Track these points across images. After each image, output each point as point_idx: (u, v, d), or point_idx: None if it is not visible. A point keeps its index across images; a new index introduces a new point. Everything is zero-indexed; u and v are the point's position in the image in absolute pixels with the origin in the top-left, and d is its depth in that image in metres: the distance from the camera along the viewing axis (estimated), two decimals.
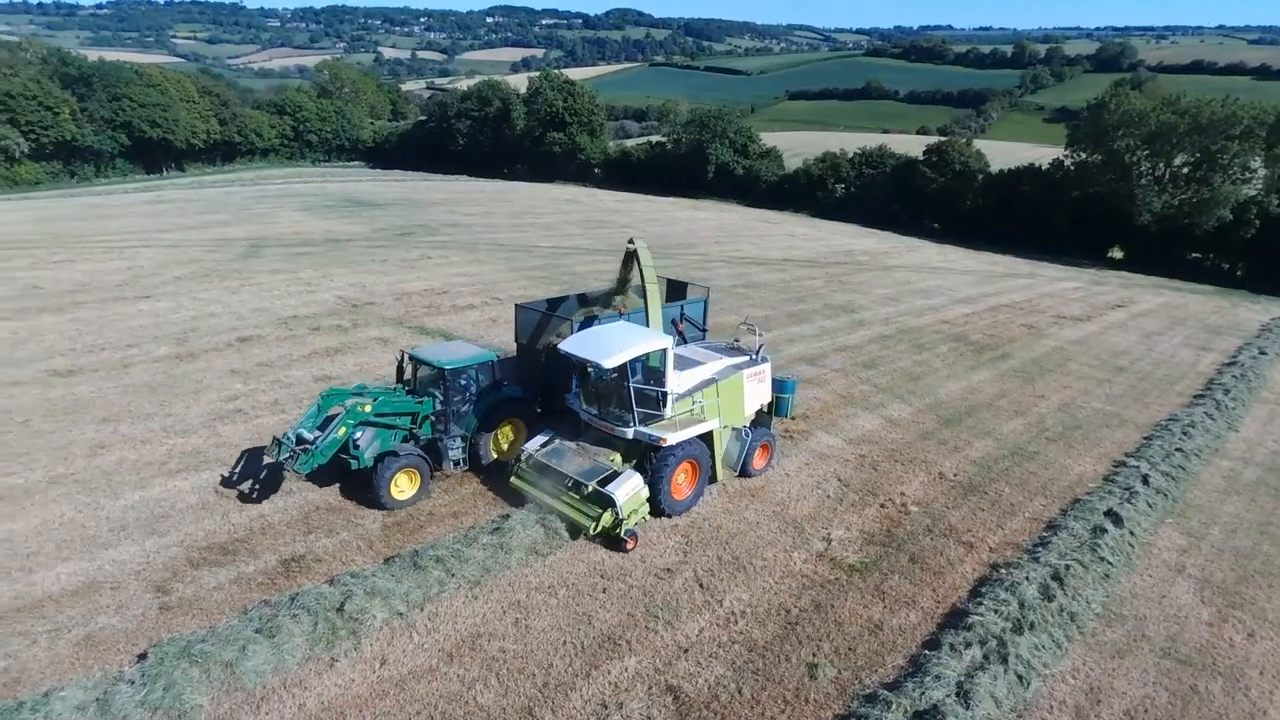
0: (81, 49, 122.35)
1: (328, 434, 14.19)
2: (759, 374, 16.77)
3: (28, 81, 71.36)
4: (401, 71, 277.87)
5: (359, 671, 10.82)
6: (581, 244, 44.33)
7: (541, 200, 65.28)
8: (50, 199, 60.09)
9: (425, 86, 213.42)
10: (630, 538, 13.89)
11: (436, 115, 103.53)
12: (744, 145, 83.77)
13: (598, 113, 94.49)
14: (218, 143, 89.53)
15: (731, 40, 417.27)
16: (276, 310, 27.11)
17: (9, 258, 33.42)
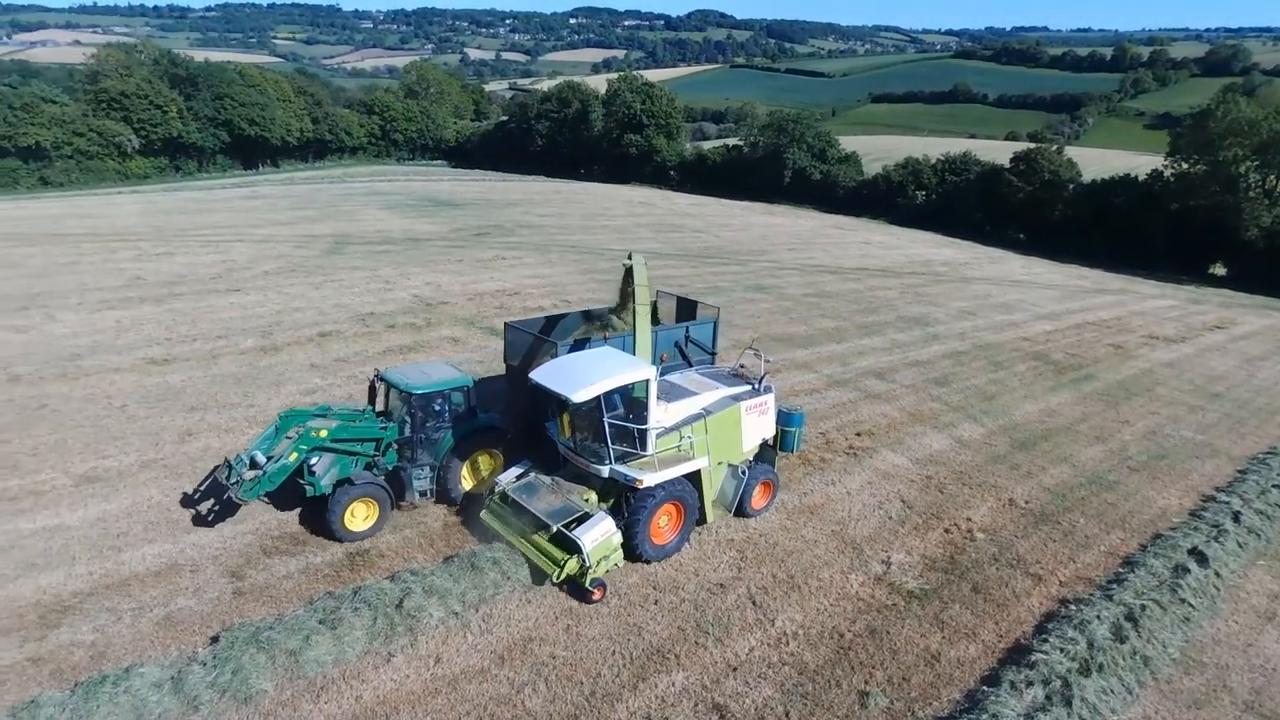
0: (191, 49, 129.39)
1: (279, 459, 13.50)
2: (760, 406, 15.39)
3: (140, 82, 75.95)
4: (486, 72, 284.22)
5: (414, 668, 11.15)
6: (652, 247, 44.45)
7: (615, 202, 65.77)
8: (156, 193, 63.83)
9: (508, 87, 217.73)
10: (597, 588, 12.68)
11: (517, 116, 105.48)
12: (822, 149, 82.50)
13: (675, 115, 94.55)
14: (310, 140, 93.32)
15: (814, 42, 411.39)
16: (355, 307, 28.13)
17: (117, 249, 35.67)
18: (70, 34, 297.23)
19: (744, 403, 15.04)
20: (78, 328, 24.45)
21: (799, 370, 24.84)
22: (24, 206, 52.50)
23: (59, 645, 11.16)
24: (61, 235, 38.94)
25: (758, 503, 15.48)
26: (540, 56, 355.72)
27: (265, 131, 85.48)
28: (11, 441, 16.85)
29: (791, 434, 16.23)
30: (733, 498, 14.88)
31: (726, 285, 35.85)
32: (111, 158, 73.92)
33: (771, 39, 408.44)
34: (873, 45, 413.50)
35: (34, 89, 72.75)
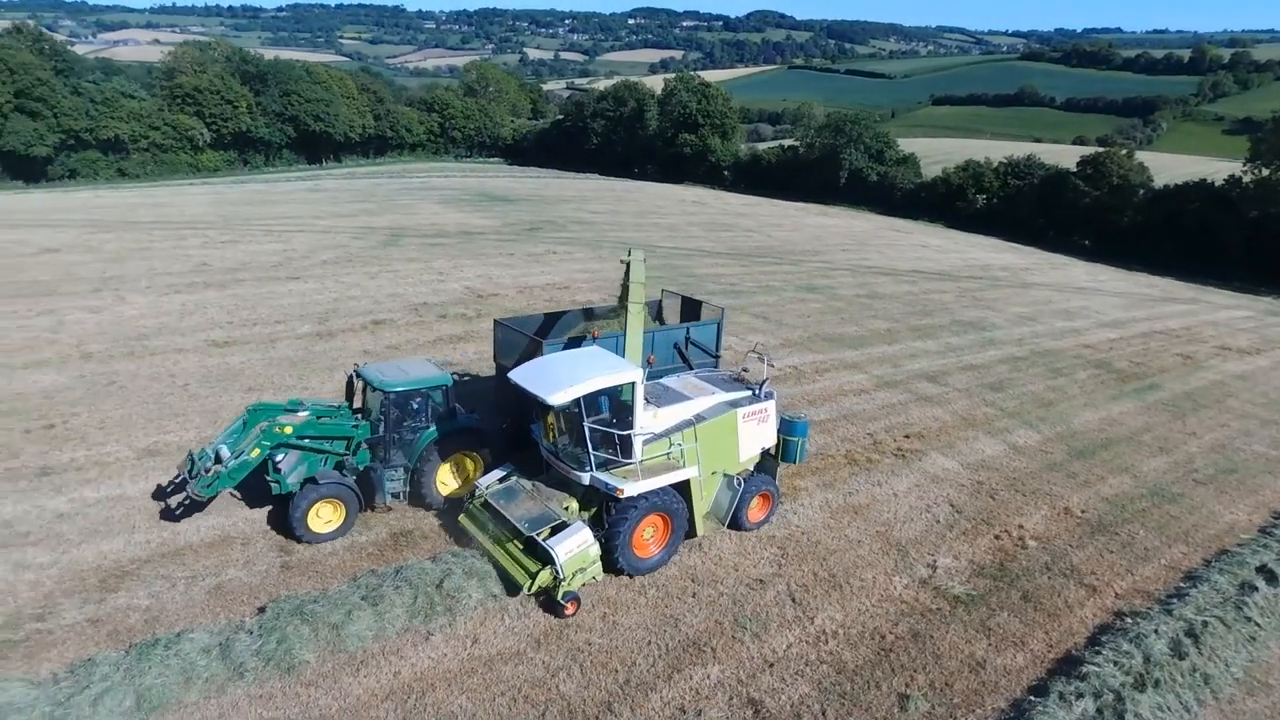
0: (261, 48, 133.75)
1: (240, 455, 13.05)
2: (759, 413, 14.34)
3: (213, 78, 78.77)
4: (544, 72, 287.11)
5: (451, 647, 11.27)
6: (703, 246, 44.30)
7: (667, 201, 65.72)
8: (225, 184, 66.09)
9: (565, 86, 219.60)
10: (570, 602, 11.94)
11: (573, 114, 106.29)
12: (880, 151, 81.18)
13: (730, 115, 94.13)
14: (372, 137, 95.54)
15: (876, 43, 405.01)
16: (409, 297, 28.65)
17: (186, 237, 37.01)
18: (150, 33, 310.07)
19: (741, 409, 14.09)
20: (146, 310, 25.42)
21: (848, 370, 24.43)
22: (102, 195, 54.87)
23: (116, 608, 11.59)
24: (135, 223, 40.57)
25: (754, 516, 14.55)
26: (598, 56, 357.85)
27: (329, 127, 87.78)
28: (81, 415, 17.60)
29: (794, 444, 15.01)
30: (727, 510, 14.03)
31: (778, 284, 35.50)
32: (184, 151, 76.81)
33: (831, 40, 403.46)
34: (936, 46, 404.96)
35: (115, 85, 76.09)
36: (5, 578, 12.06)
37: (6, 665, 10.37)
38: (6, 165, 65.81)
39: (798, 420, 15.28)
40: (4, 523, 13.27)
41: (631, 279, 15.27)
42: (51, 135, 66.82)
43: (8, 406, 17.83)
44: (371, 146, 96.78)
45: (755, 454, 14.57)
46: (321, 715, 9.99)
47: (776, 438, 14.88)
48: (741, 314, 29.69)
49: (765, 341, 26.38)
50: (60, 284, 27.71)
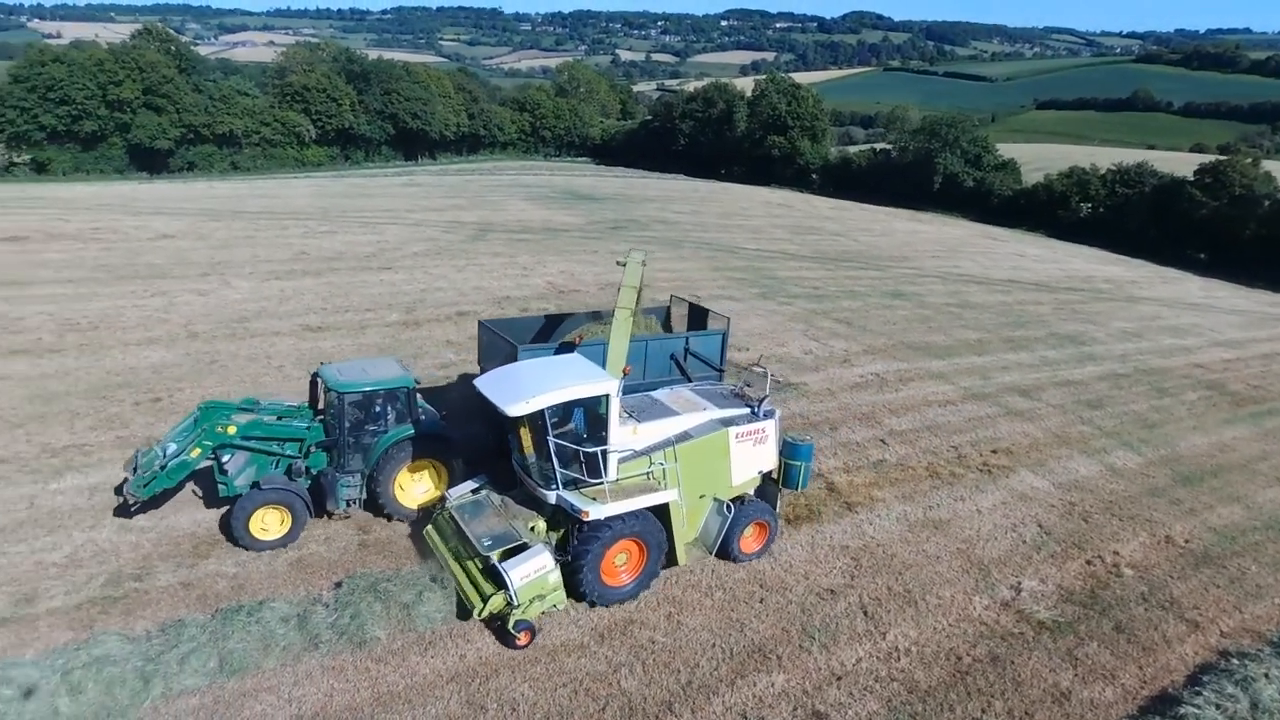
0: (366, 49, 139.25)
1: (179, 455, 12.56)
2: (756, 433, 13.10)
3: (320, 77, 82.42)
4: (635, 73, 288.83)
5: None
6: (787, 249, 43.63)
7: (753, 203, 65.06)
8: (327, 178, 69.12)
9: (655, 88, 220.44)
10: (523, 632, 11.01)
11: (661, 115, 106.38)
12: (977, 156, 78.11)
13: (821, 117, 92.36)
14: (465, 135, 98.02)
15: (977, 44, 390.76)
16: (493, 290, 29.24)
17: (288, 227, 38.85)
18: (266, 35, 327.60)
19: (734, 428, 12.90)
20: (248, 294, 26.78)
21: (934, 380, 23.57)
22: (216, 187, 58.24)
23: (206, 574, 12.20)
24: (242, 212, 42.85)
25: (748, 546, 13.29)
26: (689, 58, 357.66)
27: (426, 125, 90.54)
28: (185, 390, 18.65)
29: (797, 468, 13.68)
30: (715, 538, 12.94)
31: (863, 290, 34.62)
32: (291, 146, 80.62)
33: (930, 41, 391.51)
34: (1042, 48, 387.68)
35: (231, 83, 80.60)
36: (110, 539, 12.86)
37: (106, 620, 11.04)
38: (133, 157, 70.59)
39: (801, 443, 13.83)
40: (112, 486, 14.14)
41: (625, 282, 14.12)
42: (174, 129, 71.27)
43: (121, 380, 19.07)
44: (465, 144, 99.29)
45: (752, 478, 13.38)
46: (389, 691, 10.23)
47: (778, 461, 13.63)
48: (824, 318, 29.09)
49: (847, 348, 25.78)
50: (173, 268, 29.48)
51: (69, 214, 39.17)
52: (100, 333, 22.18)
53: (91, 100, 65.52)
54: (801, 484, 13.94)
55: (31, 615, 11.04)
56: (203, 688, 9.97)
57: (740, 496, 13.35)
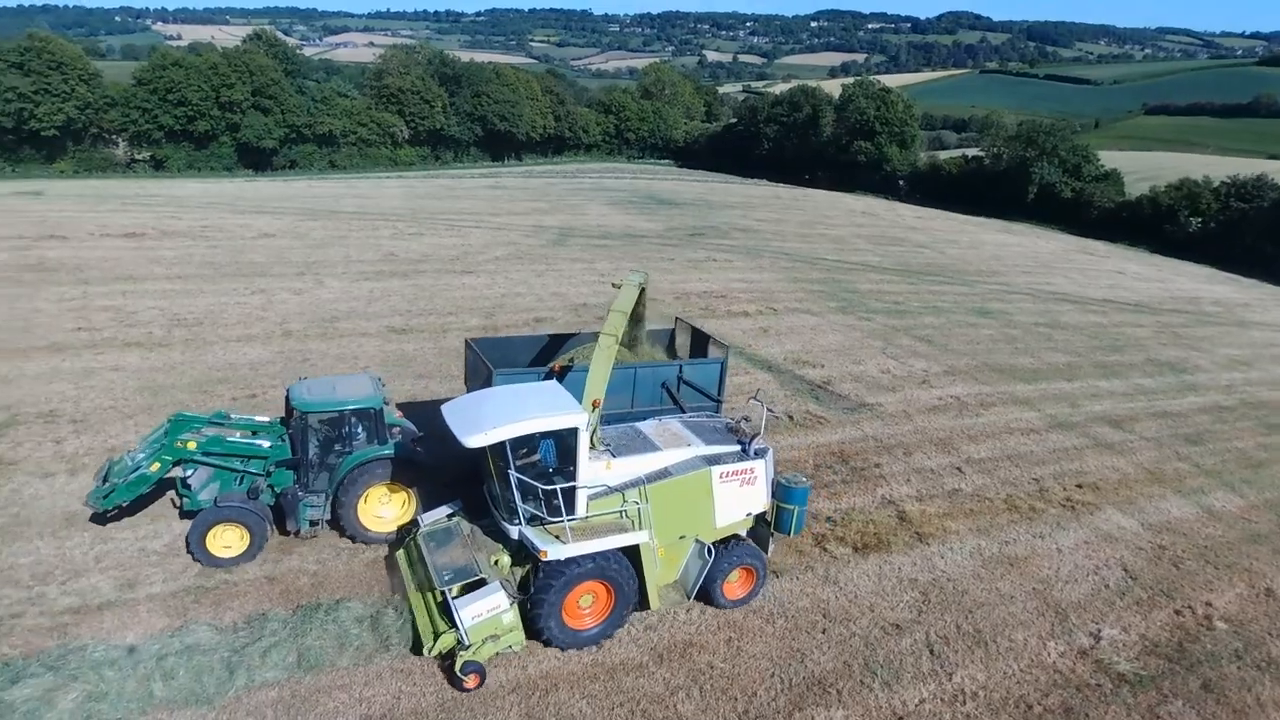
0: (460, 50, 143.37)
1: (138, 469, 12.63)
2: (744, 473, 12.27)
3: (414, 79, 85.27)
4: (721, 74, 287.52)
5: (576, 651, 11.57)
6: (869, 260, 42.73)
7: (836, 210, 63.94)
8: (417, 179, 71.45)
9: (741, 89, 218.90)
10: (470, 674, 10.50)
11: (746, 118, 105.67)
12: (1076, 165, 74.55)
13: (910, 122, 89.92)
14: (551, 136, 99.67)
15: (1082, 45, 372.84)
16: (570, 296, 29.71)
17: (379, 228, 40.40)
18: (366, 36, 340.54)
19: (719, 467, 12.10)
20: (339, 294, 28.00)
21: (1017, 406, 22.72)
22: (315, 186, 60.97)
23: (289, 569, 12.87)
24: (338, 213, 44.77)
25: (732, 592, 12.54)
26: (777, 59, 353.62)
27: (513, 127, 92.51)
28: (277, 387, 19.59)
29: (789, 512, 12.76)
30: (694, 581, 12.24)
31: (946, 306, 33.61)
32: (385, 146, 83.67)
33: (1031, 42, 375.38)
34: (1154, 49, 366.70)
35: (331, 85, 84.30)
36: None
37: (198, 609, 11.80)
38: (241, 155, 74.59)
39: (796, 486, 12.83)
40: None
41: (614, 306, 13.09)
42: (278, 129, 74.96)
43: (221, 375, 20.27)
44: (550, 146, 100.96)
45: (740, 519, 12.57)
46: (453, 698, 10.58)
47: (770, 503, 12.79)
48: (904, 336, 28.40)
49: (927, 368, 25.11)
50: (272, 266, 31.08)
51: (181, 212, 41.76)
52: (204, 328, 23.60)
53: (205, 101, 69.55)
54: (795, 529, 12.95)
55: (133, 600, 11.90)
56: (281, 681, 10.56)
57: (732, 538, 12.62)
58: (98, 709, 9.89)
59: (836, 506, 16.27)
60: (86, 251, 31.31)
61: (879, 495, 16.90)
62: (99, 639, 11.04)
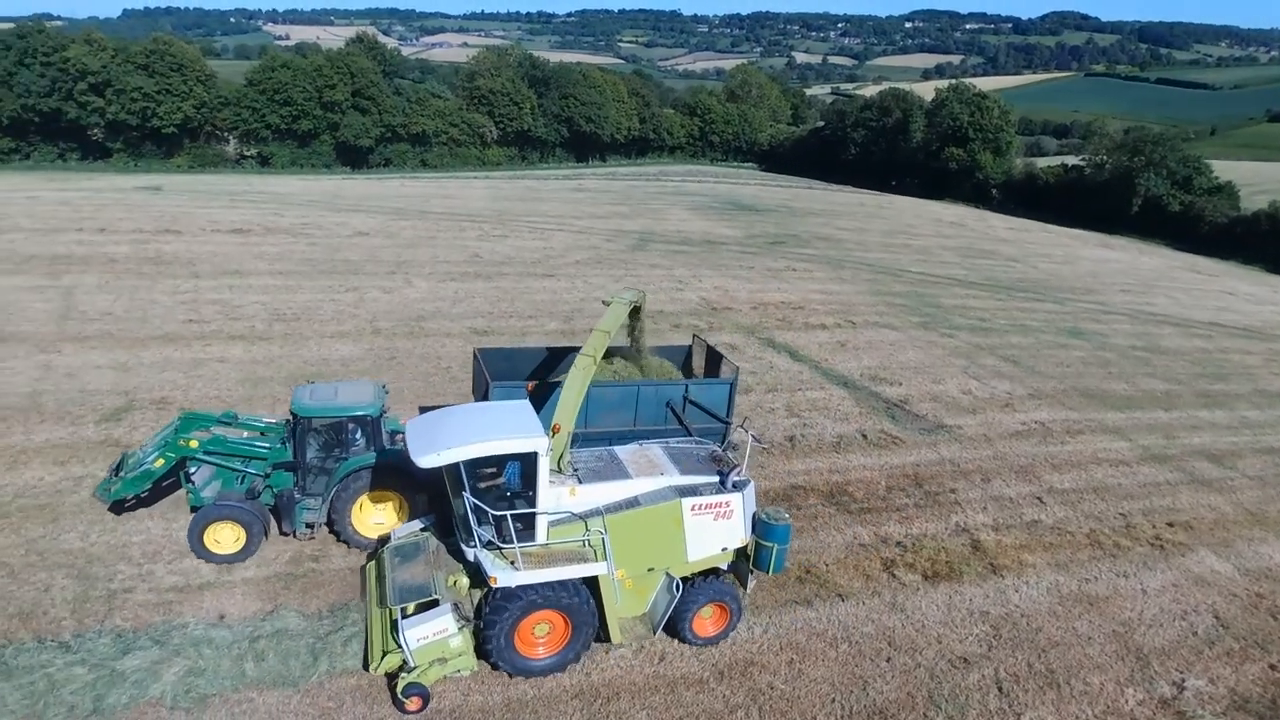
0: (550, 51, 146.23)
1: (143, 464, 13.12)
2: (719, 506, 11.73)
3: (505, 81, 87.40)
4: (810, 76, 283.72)
5: (639, 660, 11.82)
6: (956, 273, 41.54)
7: (922, 220, 62.31)
8: (503, 179, 73.22)
9: (830, 92, 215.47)
10: (412, 697, 10.33)
11: (833, 122, 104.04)
12: (1187, 177, 70.52)
13: (1007, 128, 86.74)
14: (635, 138, 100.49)
15: (1200, 47, 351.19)
16: (648, 303, 29.93)
17: (465, 229, 41.66)
18: (460, 37, 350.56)
19: (691, 499, 11.62)
20: (426, 294, 29.06)
21: (1107, 435, 21.78)
22: (407, 185, 63.24)
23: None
24: (427, 213, 46.37)
25: (702, 628, 12.06)
26: (868, 61, 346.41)
27: (598, 128, 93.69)
28: None
29: (768, 550, 11.97)
30: (661, 615, 11.68)
31: (1036, 325, 32.42)
32: (474, 146, 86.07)
33: (1143, 44, 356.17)
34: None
35: (426, 86, 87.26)
36: None
37: (288, 595, 12.58)
38: (340, 153, 78.07)
39: (777, 523, 11.96)
40: None
41: (599, 326, 12.70)
42: (375, 129, 78.11)
43: (314, 370, 21.38)
44: (634, 147, 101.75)
45: (715, 554, 12.03)
46: (519, 699, 10.98)
47: (750, 539, 12.12)
48: (988, 355, 27.58)
49: (1011, 390, 24.35)
50: (365, 264, 32.49)
51: (284, 209, 44.05)
52: (301, 324, 24.93)
53: (309, 101, 73.11)
54: (774, 568, 12.15)
55: (230, 583, 12.77)
56: (359, 670, 11.16)
57: (712, 572, 12.24)
58: (196, 684, 10.70)
59: (907, 532, 16.02)
60: (198, 246, 33.43)
61: (953, 522, 16.55)
62: (199, 617, 11.92)
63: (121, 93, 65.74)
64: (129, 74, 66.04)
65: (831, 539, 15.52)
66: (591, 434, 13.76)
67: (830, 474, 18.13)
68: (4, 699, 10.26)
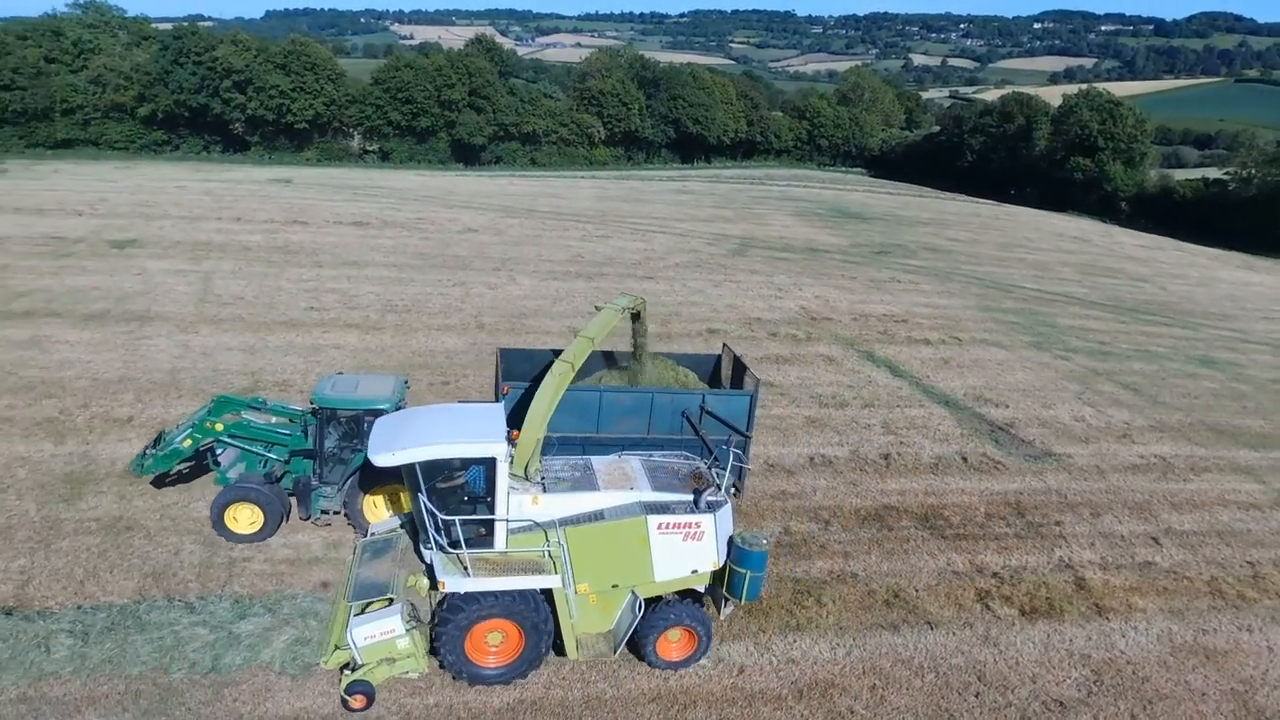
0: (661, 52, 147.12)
1: (173, 440, 13.94)
2: (688, 527, 11.25)
3: (615, 82, 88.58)
4: (927, 79, 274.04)
5: (718, 670, 11.86)
6: (1075, 292, 39.34)
7: (1041, 233, 59.26)
8: (609, 179, 74.26)
9: (948, 95, 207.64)
10: (356, 695, 10.40)
11: (950, 127, 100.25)
12: None
13: (1141, 138, 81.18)
14: (741, 140, 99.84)
15: None
16: (745, 310, 29.85)
17: (569, 229, 42.55)
18: (574, 37, 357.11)
19: (657, 517, 11.22)
20: (529, 291, 29.89)
21: (1237, 475, 20.19)
22: (515, 183, 65.10)
23: None
24: (534, 211, 47.62)
25: (666, 651, 11.62)
26: (991, 64, 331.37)
27: (705, 130, 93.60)
28: (469, 376, 21.48)
29: (742, 576, 11.43)
30: (623, 635, 11.28)
31: (1162, 351, 30.33)
32: (582, 146, 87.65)
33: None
34: None
35: (538, 87, 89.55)
36: None
37: None
38: (454, 150, 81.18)
39: (753, 549, 11.41)
40: None
41: (583, 331, 12.84)
42: (488, 128, 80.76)
43: (421, 360, 22.40)
44: (740, 150, 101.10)
45: (685, 576, 11.60)
46: (597, 696, 11.23)
47: (723, 564, 11.60)
48: (1106, 381, 26.05)
49: (1130, 420, 22.92)
50: (473, 260, 33.71)
51: (400, 204, 46.21)
52: (411, 315, 26.14)
53: (428, 100, 76.29)
54: (746, 595, 11.62)
55: (336, 559, 13.60)
56: None
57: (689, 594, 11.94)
58: (302, 652, 11.46)
59: (1005, 562, 15.38)
60: (321, 237, 35.53)
61: (1056, 557, 15.75)
62: (307, 590, 12.76)
63: (261, 90, 70.42)
64: (268, 72, 70.65)
65: (923, 564, 15.08)
66: (604, 439, 13.98)
67: (925, 496, 17.60)
68: (137, 650, 11.31)
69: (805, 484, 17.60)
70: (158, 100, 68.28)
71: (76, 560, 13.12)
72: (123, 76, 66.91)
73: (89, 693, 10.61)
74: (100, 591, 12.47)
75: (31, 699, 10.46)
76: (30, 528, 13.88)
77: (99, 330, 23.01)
